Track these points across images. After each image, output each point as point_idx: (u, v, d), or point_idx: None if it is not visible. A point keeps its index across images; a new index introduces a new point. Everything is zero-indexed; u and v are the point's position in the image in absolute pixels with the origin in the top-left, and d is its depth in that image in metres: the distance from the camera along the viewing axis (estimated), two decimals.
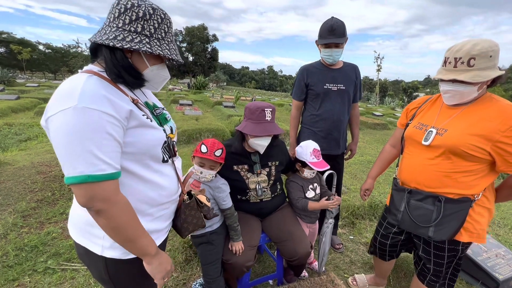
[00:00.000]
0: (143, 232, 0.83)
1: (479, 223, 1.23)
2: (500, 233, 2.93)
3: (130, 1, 0.78)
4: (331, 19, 1.90)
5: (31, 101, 9.41)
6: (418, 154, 1.30)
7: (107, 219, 0.75)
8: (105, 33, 0.78)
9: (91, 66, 0.84)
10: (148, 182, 0.88)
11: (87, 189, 0.70)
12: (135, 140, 0.81)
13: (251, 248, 1.55)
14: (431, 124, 1.27)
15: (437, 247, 1.32)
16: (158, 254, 0.88)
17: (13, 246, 2.09)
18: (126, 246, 0.82)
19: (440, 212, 1.20)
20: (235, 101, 13.86)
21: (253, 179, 1.64)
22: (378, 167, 1.71)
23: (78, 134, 0.68)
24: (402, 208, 1.33)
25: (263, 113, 1.49)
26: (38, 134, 5.74)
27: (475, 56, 1.04)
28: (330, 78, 2.01)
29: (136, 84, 0.87)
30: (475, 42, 1.05)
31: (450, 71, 1.11)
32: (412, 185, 1.33)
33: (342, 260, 2.27)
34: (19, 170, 3.35)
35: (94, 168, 0.70)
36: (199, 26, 40.72)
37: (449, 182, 1.20)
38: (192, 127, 6.18)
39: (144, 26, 0.79)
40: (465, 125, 1.15)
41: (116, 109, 0.75)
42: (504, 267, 2.01)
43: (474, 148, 1.11)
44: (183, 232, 1.10)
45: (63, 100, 0.69)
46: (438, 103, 1.34)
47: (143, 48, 0.78)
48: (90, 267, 0.94)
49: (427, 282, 1.43)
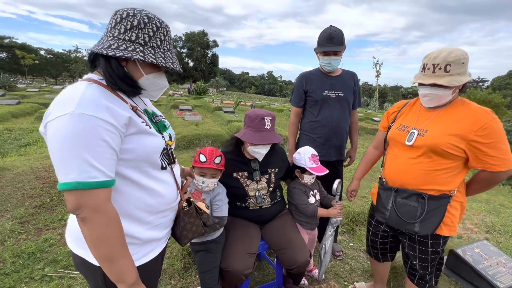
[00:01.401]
0: (125, 254, 0.79)
1: (455, 216, 1.34)
2: (501, 241, 2.91)
3: (126, 11, 0.79)
4: (329, 27, 1.93)
5: (31, 106, 9.43)
6: (402, 154, 1.39)
7: (90, 228, 0.73)
8: (102, 43, 0.80)
9: (91, 74, 0.85)
10: (147, 189, 0.88)
11: (76, 196, 0.70)
12: (134, 146, 0.81)
13: (250, 256, 1.54)
14: (412, 126, 1.37)
15: (421, 242, 1.40)
16: (136, 285, 0.81)
17: (10, 253, 2.07)
18: (104, 265, 0.77)
19: (424, 208, 1.29)
20: (235, 107, 13.91)
21: (253, 186, 1.64)
22: (362, 168, 1.81)
23: (72, 140, 0.68)
24: (389, 206, 1.41)
25: (263, 122, 1.50)
26: (38, 140, 5.74)
27: (451, 63, 1.16)
28: (329, 85, 2.03)
29: (132, 92, 0.87)
30: (450, 50, 1.17)
31: (429, 76, 1.22)
32: (397, 184, 1.40)
33: (342, 267, 2.25)
34: (18, 175, 3.34)
35: (85, 175, 0.69)
36: (199, 32, 41.14)
37: (430, 180, 1.29)
38: (192, 132, 6.19)
39: (139, 34, 0.80)
40: (443, 126, 1.26)
41: (115, 116, 0.75)
42: (506, 276, 1.99)
43: (452, 146, 1.22)
44: (182, 240, 1.09)
45: (61, 106, 0.70)
46: (416, 107, 1.44)
47: (135, 56, 0.78)
48: (87, 277, 0.92)
49: (417, 281, 1.49)
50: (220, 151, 1.50)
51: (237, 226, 1.65)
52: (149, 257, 0.93)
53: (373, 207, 1.63)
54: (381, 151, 1.70)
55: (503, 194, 4.88)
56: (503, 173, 1.21)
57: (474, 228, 3.14)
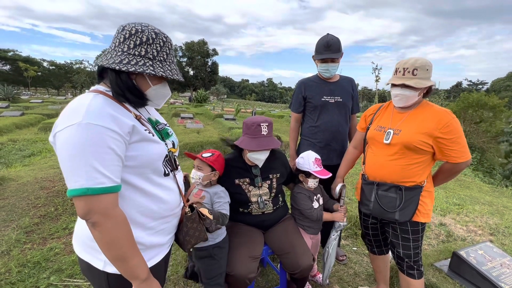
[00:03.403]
0: (136, 252, 0.83)
1: (426, 204, 1.52)
2: (506, 242, 2.89)
3: (135, 27, 0.84)
4: (326, 35, 1.99)
5: (35, 117, 9.56)
6: (380, 152, 1.55)
7: (102, 232, 0.76)
8: (111, 57, 0.84)
9: (97, 86, 0.89)
10: (150, 195, 0.90)
11: (86, 202, 0.73)
12: (138, 153, 0.84)
13: (253, 260, 1.55)
14: (388, 126, 1.53)
15: (403, 230, 1.55)
16: (149, 280, 0.86)
17: (16, 263, 2.09)
18: (117, 264, 0.81)
19: (402, 199, 1.47)
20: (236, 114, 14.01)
21: (255, 192, 1.66)
22: (345, 166, 1.96)
23: (81, 148, 0.72)
24: (372, 198, 1.57)
25: (259, 128, 1.53)
26: (41, 150, 5.81)
27: (418, 68, 1.37)
28: (327, 91, 2.07)
29: (139, 103, 0.92)
30: (417, 58, 1.39)
31: (400, 78, 1.41)
32: (378, 179, 1.56)
33: (346, 272, 2.25)
34: (22, 185, 3.38)
35: (94, 182, 0.73)
36: (199, 41, 41.73)
37: (405, 174, 1.47)
38: (193, 140, 6.24)
39: (148, 49, 0.85)
40: (414, 125, 1.44)
41: (119, 124, 0.79)
42: (510, 277, 1.98)
43: (422, 143, 1.40)
44: (185, 246, 1.10)
45: (69, 117, 0.75)
46: (389, 109, 1.61)
47: (146, 70, 0.83)
48: (92, 282, 0.95)
49: (407, 272, 1.61)
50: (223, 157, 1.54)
51: (240, 231, 1.67)
52: (152, 262, 0.95)
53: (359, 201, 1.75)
54: (360, 150, 1.85)
55: (506, 196, 4.86)
56: (463, 164, 1.41)
57: (478, 230, 3.13)
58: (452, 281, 2.10)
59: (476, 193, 4.75)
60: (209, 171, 1.50)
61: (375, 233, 1.79)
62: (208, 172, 1.50)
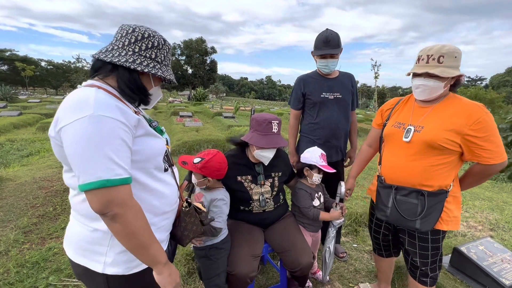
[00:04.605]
0: (155, 239, 0.84)
1: (451, 210, 1.35)
2: (506, 238, 2.89)
3: (147, 31, 0.89)
4: (325, 31, 1.96)
5: (33, 117, 9.52)
6: (399, 152, 1.39)
7: (123, 223, 0.75)
8: (120, 55, 0.85)
9: (92, 81, 0.86)
10: (152, 191, 0.91)
11: (104, 194, 0.72)
12: (142, 148, 0.85)
13: (254, 258, 1.54)
14: (408, 123, 1.37)
15: (421, 238, 1.40)
16: (168, 264, 0.88)
17: (14, 263, 2.08)
18: (139, 252, 0.81)
19: (424, 205, 1.30)
20: (235, 112, 13.98)
21: (257, 190, 1.65)
22: (357, 166, 1.82)
23: (95, 141, 0.71)
24: (390, 204, 1.40)
25: (270, 125, 1.52)
26: (40, 150, 5.78)
27: (444, 55, 1.20)
28: (327, 87, 2.05)
29: (144, 101, 0.96)
30: (443, 44, 1.22)
31: (423, 66, 1.25)
32: (396, 182, 1.40)
33: (346, 269, 2.24)
34: (20, 185, 3.36)
35: (112, 173, 0.72)
36: (197, 39, 41.50)
37: (428, 176, 1.30)
38: (192, 138, 6.22)
39: (157, 54, 0.92)
40: (438, 121, 1.27)
41: (127, 117, 0.79)
42: (511, 272, 1.98)
43: (448, 141, 1.23)
44: (183, 240, 1.10)
45: (77, 109, 0.73)
46: (410, 104, 1.45)
47: (158, 72, 0.90)
48: (90, 286, 0.93)
49: (419, 279, 1.48)
50: (224, 154, 1.51)
51: (241, 229, 1.66)
52: None
53: (373, 205, 1.63)
54: (375, 148, 1.70)
55: (506, 192, 4.87)
56: (496, 166, 1.23)
57: (478, 226, 3.13)
58: (453, 277, 2.10)
59: (475, 189, 4.74)
60: (200, 177, 1.44)
61: (386, 238, 1.65)
62: (200, 179, 1.44)
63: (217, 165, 1.42)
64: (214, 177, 1.44)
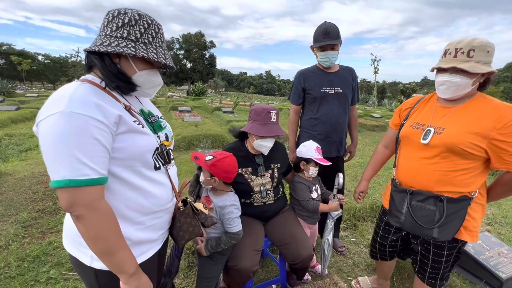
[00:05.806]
0: (123, 246, 0.80)
1: (475, 219, 1.24)
2: (502, 232, 2.92)
3: (118, 10, 0.82)
4: (324, 23, 1.94)
5: (31, 112, 9.44)
6: (416, 154, 1.29)
7: (86, 225, 0.73)
8: (94, 42, 0.82)
9: (87, 75, 0.86)
10: (139, 189, 0.87)
11: (69, 194, 0.71)
12: (125, 145, 0.81)
13: (256, 253, 1.55)
14: (428, 123, 1.27)
15: (437, 246, 1.32)
16: (137, 275, 0.83)
17: (15, 257, 2.08)
18: (103, 259, 0.78)
19: (443, 212, 1.18)
20: (234, 107, 13.93)
21: (258, 181, 1.66)
22: (371, 168, 1.72)
23: (63, 138, 0.69)
24: (404, 210, 1.29)
25: (269, 115, 1.54)
26: (38, 144, 5.74)
27: (475, 48, 1.08)
28: (327, 81, 2.04)
29: (127, 88, 0.87)
30: (475, 37, 1.10)
31: (449, 61, 1.13)
32: (412, 186, 1.31)
33: (345, 262, 2.27)
34: (20, 180, 3.36)
35: (77, 173, 0.70)
36: (196, 33, 41.13)
37: (447, 181, 1.20)
38: (191, 133, 6.20)
39: (130, 31, 0.81)
40: (462, 123, 1.16)
41: (105, 114, 0.75)
42: (507, 266, 2.01)
43: (472, 145, 1.12)
44: (179, 241, 1.07)
45: (52, 105, 0.71)
46: (431, 103, 1.34)
47: (126, 51, 0.79)
48: (82, 277, 0.92)
49: (427, 281, 1.42)
50: (224, 148, 1.51)
51: (243, 223, 1.66)
52: (143, 257, 0.92)
53: (384, 210, 1.54)
54: (392, 150, 1.61)
55: None
56: None
57: None
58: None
59: None
60: (208, 175, 1.42)
61: (394, 244, 1.54)
62: (207, 177, 1.42)
63: (227, 167, 1.40)
64: (221, 178, 1.42)
